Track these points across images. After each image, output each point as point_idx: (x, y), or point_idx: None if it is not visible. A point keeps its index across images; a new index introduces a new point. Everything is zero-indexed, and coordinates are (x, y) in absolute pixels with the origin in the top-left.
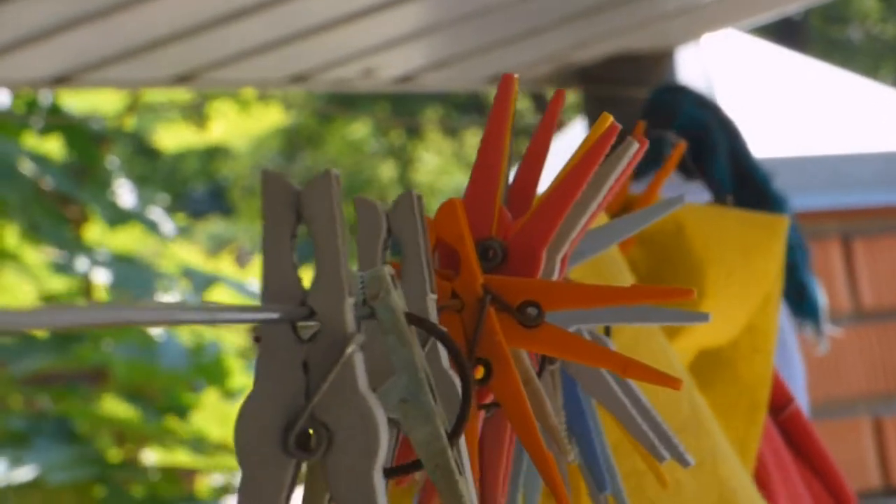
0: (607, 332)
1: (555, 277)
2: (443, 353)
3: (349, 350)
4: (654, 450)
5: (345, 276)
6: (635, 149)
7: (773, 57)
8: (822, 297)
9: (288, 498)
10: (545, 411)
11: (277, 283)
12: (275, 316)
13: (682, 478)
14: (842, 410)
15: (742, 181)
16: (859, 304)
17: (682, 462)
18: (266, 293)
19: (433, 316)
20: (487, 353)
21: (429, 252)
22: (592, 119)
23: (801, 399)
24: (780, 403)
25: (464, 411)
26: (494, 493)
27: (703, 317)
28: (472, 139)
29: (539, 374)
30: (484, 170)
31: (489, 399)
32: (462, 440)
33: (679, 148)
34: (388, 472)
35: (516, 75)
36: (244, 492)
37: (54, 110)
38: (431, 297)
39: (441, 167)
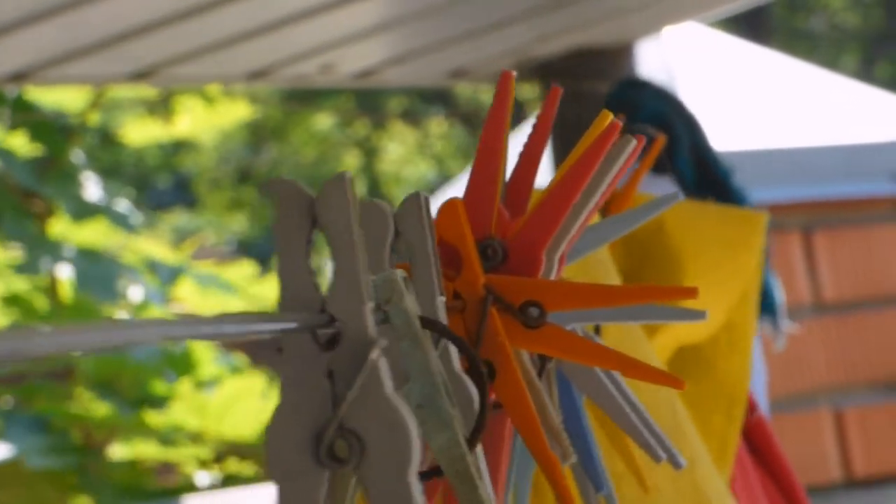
0: (597, 330)
1: (553, 277)
2: (454, 355)
3: (373, 355)
4: (650, 449)
5: (364, 281)
6: (633, 146)
7: (734, 49)
8: (780, 294)
9: None
10: (547, 412)
11: (295, 290)
12: (293, 325)
13: (660, 482)
14: (802, 403)
15: (703, 175)
16: (820, 297)
17: (676, 463)
18: (284, 302)
19: (443, 319)
20: (490, 353)
21: (436, 253)
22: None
23: (761, 395)
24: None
25: (481, 416)
26: (498, 494)
27: (701, 314)
28: (437, 129)
29: (540, 374)
30: (483, 169)
31: (491, 400)
32: (479, 445)
33: (658, 142)
34: (421, 476)
35: (514, 73)
36: None
37: (19, 104)
38: (441, 300)
39: (405, 157)
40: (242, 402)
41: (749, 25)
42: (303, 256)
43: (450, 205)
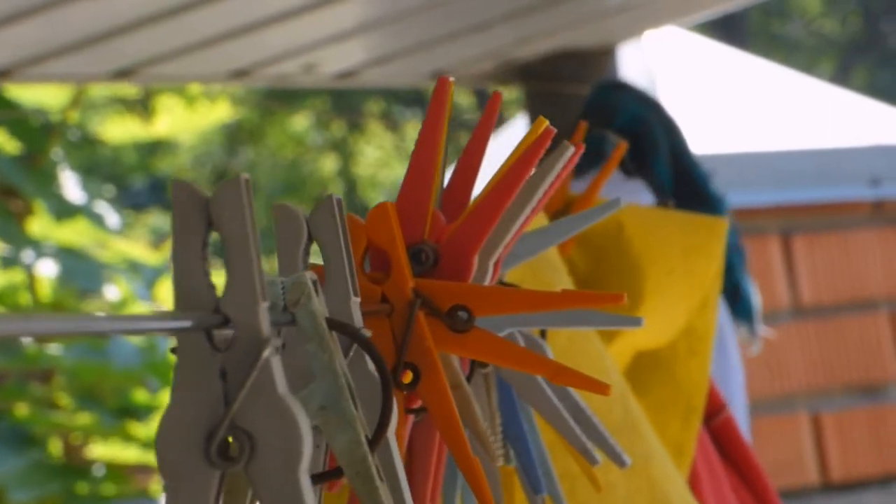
0: (543, 335)
1: (487, 281)
2: (367, 358)
3: (265, 354)
4: (586, 453)
5: (258, 281)
6: (570, 153)
7: (713, 54)
8: (756, 299)
9: None
10: (473, 416)
11: (189, 291)
12: (188, 324)
13: (615, 480)
14: (780, 406)
15: (681, 180)
16: (798, 301)
17: (619, 462)
18: (178, 302)
19: (357, 319)
20: (416, 357)
21: (351, 255)
22: (534, 116)
23: (739, 398)
24: (712, 410)
25: (384, 418)
26: (423, 498)
27: (637, 321)
28: (414, 132)
29: (469, 378)
30: (417, 172)
31: (417, 404)
32: (395, 446)
33: (620, 148)
34: (316, 478)
35: (452, 78)
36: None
37: (0, 102)
38: (355, 301)
39: (382, 160)
40: None
41: (726, 31)
42: (198, 257)
43: (381, 208)
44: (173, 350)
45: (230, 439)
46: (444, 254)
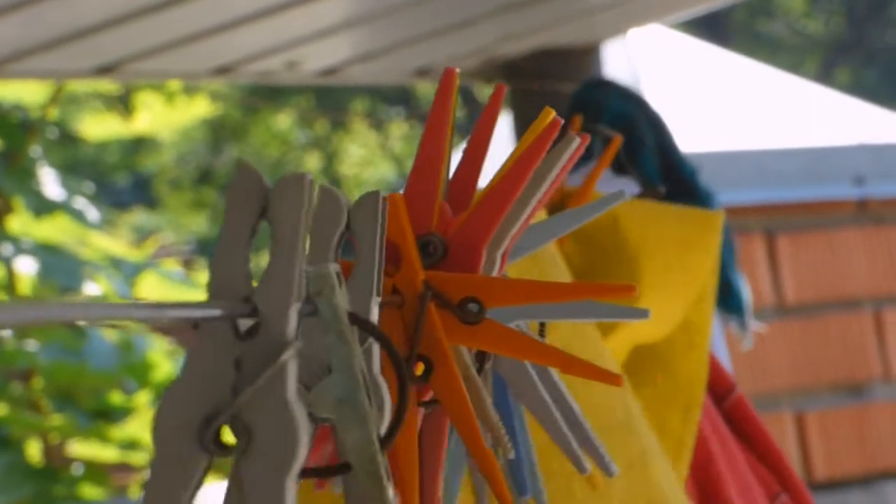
0: (542, 328)
1: (495, 273)
2: (376, 358)
3: (285, 356)
4: (576, 460)
5: (296, 282)
6: (577, 144)
7: (698, 52)
8: (747, 293)
9: (193, 494)
10: (485, 409)
11: (225, 276)
12: (217, 312)
13: (614, 480)
14: (764, 405)
15: (669, 176)
16: (782, 299)
17: (606, 470)
18: (212, 284)
19: (375, 319)
20: (428, 349)
21: (383, 255)
22: (518, 113)
23: None
24: (723, 391)
25: (398, 417)
26: (434, 491)
27: (643, 313)
28: (398, 131)
29: (479, 371)
30: (425, 165)
31: (428, 396)
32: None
33: (615, 141)
34: (319, 472)
35: (458, 69)
36: (151, 479)
37: None
38: (376, 300)
39: (366, 159)
40: None
41: (710, 29)
42: (243, 244)
43: (390, 200)
44: (194, 325)
45: (228, 428)
46: (453, 246)
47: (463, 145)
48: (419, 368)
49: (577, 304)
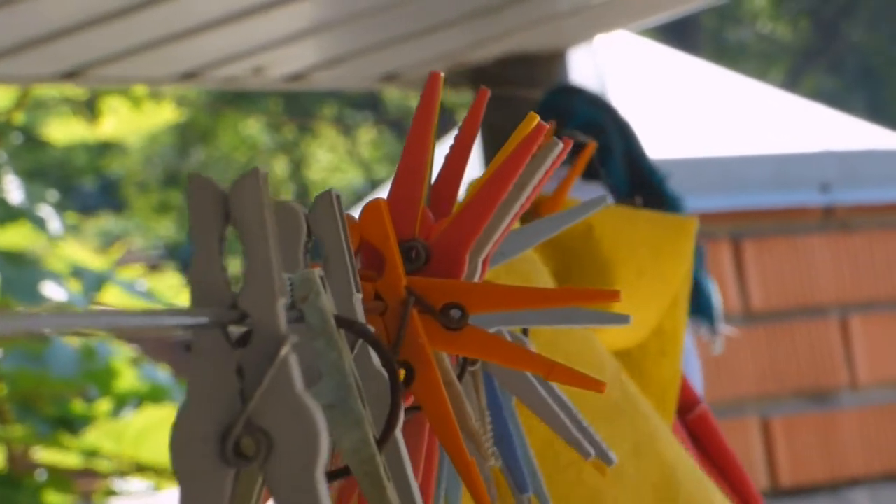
0: (525, 332)
1: (476, 279)
2: (374, 353)
3: (283, 351)
4: (578, 446)
5: (276, 277)
6: (559, 149)
7: (665, 58)
8: (717, 298)
9: None
10: (466, 416)
11: (206, 286)
12: (204, 320)
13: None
14: (730, 411)
15: (638, 182)
16: (749, 306)
17: (606, 459)
18: (195, 297)
19: (360, 316)
20: (409, 355)
21: (351, 251)
22: (485, 119)
23: None
24: (687, 404)
25: (393, 417)
26: (426, 497)
27: (624, 318)
28: (366, 136)
29: (460, 377)
30: (408, 170)
31: (409, 402)
32: (401, 444)
33: (588, 148)
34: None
35: (442, 74)
36: None
37: None
38: (357, 297)
39: (334, 164)
40: (161, 430)
41: (677, 36)
42: (215, 252)
43: (373, 205)
44: (186, 347)
45: (246, 437)
46: (436, 251)
47: (444, 150)
48: (400, 375)
49: (559, 310)
